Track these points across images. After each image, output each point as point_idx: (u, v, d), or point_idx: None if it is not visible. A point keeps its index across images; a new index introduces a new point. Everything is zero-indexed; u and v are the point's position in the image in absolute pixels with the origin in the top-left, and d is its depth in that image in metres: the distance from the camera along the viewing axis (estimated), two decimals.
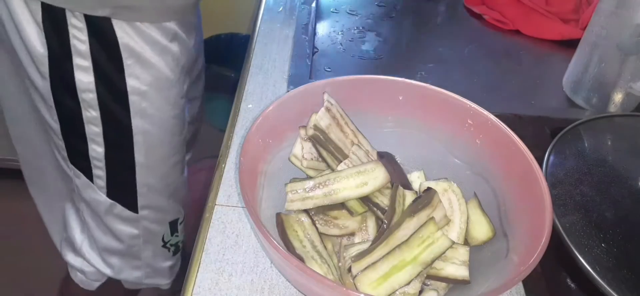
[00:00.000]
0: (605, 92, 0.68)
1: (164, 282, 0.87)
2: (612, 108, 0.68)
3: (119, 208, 0.73)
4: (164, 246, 0.81)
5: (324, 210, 0.47)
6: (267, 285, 0.46)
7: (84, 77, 0.61)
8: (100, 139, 0.66)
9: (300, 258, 0.42)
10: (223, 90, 1.52)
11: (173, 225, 0.81)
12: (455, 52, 0.81)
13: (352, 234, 0.47)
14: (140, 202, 0.73)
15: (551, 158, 0.55)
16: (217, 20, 1.64)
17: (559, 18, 0.86)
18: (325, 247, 0.44)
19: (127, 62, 0.61)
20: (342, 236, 0.47)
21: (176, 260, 0.86)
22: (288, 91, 0.57)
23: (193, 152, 1.02)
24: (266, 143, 0.46)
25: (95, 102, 0.63)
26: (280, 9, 0.86)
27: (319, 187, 0.45)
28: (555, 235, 0.44)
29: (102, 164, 0.69)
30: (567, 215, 0.49)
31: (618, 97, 0.67)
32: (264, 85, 0.69)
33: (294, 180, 0.46)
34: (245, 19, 1.70)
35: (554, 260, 0.46)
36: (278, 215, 0.45)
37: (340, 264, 0.44)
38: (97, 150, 0.67)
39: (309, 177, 0.48)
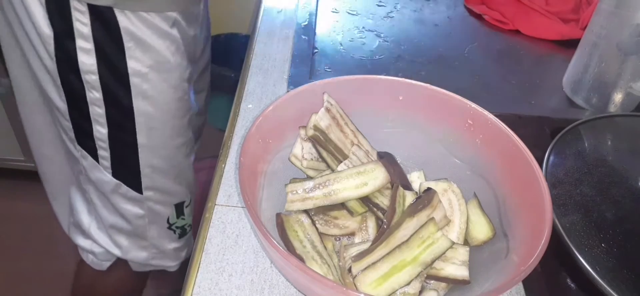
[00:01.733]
0: (605, 92, 0.68)
1: (171, 264, 0.89)
2: (612, 108, 0.68)
3: (125, 188, 0.75)
4: (170, 228, 0.83)
5: (324, 210, 0.47)
6: (267, 285, 0.46)
7: (87, 59, 0.63)
8: (104, 120, 0.68)
9: (301, 259, 0.42)
10: (223, 90, 1.52)
11: (179, 208, 0.82)
12: (455, 52, 0.81)
13: (352, 234, 0.47)
14: (145, 182, 0.75)
15: (551, 158, 0.55)
16: (217, 20, 1.64)
17: (559, 18, 0.86)
18: (325, 247, 0.44)
19: (128, 45, 0.63)
20: (342, 236, 0.47)
21: (183, 242, 0.88)
22: (288, 91, 0.57)
23: (196, 150, 1.02)
24: (266, 143, 0.46)
25: (97, 84, 0.65)
26: (280, 9, 0.86)
27: (318, 187, 0.45)
28: (555, 235, 0.44)
29: (106, 145, 0.70)
30: (567, 215, 0.49)
31: (618, 97, 0.67)
32: (264, 85, 0.69)
33: (294, 180, 0.46)
34: (245, 19, 1.70)
35: (554, 260, 0.46)
36: (278, 215, 0.45)
37: (341, 264, 0.44)
38: (101, 130, 0.69)
39: (309, 177, 0.48)
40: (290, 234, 0.44)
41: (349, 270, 0.42)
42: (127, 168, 0.74)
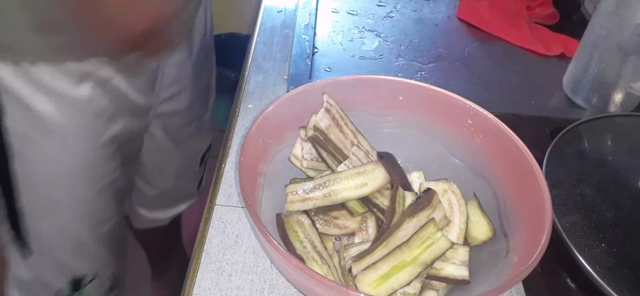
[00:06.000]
0: (605, 92, 0.68)
1: None
2: (612, 108, 0.68)
3: (18, 245, 0.68)
4: None
5: (324, 210, 0.47)
6: (267, 285, 0.46)
7: None
8: None
9: (301, 259, 0.42)
10: (223, 90, 1.52)
11: (75, 283, 0.72)
12: (455, 52, 0.81)
13: (352, 234, 0.47)
14: (32, 246, 0.67)
15: (551, 158, 0.55)
16: (217, 20, 1.64)
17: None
18: (325, 247, 0.44)
19: (2, 99, 0.55)
20: (342, 236, 0.47)
21: None
22: (288, 91, 0.57)
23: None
24: (266, 143, 0.46)
25: None
26: (280, 9, 0.86)
27: (318, 188, 0.45)
28: (555, 235, 0.44)
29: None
30: (567, 215, 0.49)
31: (618, 97, 0.67)
32: (264, 85, 0.69)
33: (294, 180, 0.46)
34: (245, 19, 1.70)
35: (554, 260, 0.46)
36: (278, 216, 0.45)
37: (341, 264, 0.44)
38: None
39: (309, 178, 0.48)
40: (291, 234, 0.44)
41: (349, 270, 0.42)
42: (15, 225, 0.66)
